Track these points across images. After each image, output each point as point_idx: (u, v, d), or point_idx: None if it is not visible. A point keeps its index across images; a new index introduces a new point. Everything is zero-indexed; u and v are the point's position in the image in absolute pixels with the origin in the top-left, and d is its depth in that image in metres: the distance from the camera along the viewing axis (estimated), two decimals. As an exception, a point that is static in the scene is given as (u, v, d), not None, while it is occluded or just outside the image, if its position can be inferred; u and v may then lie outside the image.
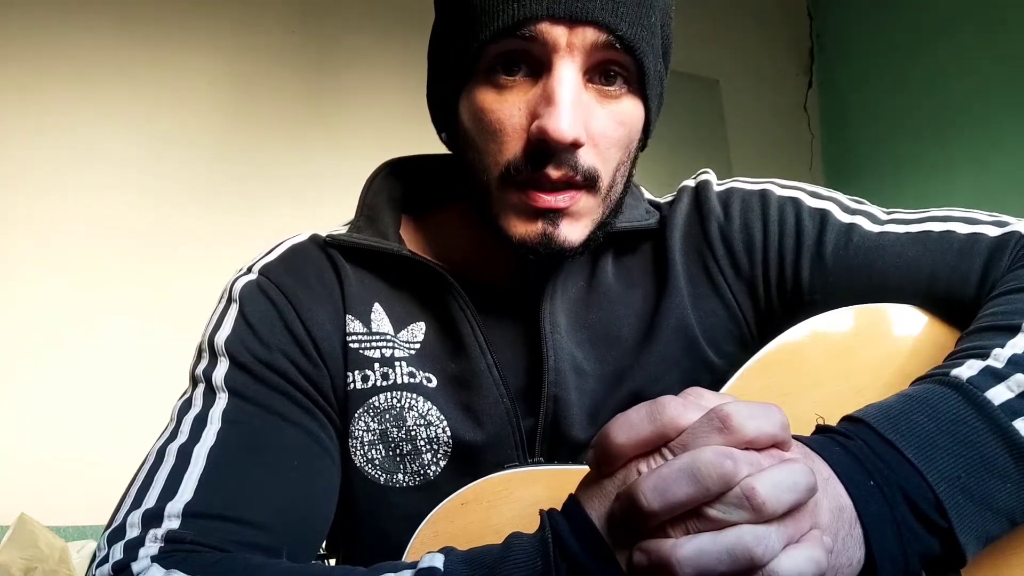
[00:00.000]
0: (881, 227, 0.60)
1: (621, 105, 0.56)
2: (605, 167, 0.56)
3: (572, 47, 0.52)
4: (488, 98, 0.55)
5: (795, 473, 0.36)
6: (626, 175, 0.60)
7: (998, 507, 0.41)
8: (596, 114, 0.54)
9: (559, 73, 0.52)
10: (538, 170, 0.53)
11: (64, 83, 2.10)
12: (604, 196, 0.57)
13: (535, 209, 0.54)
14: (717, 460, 0.35)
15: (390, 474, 0.58)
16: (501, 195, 0.56)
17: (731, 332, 0.63)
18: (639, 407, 0.39)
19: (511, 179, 0.55)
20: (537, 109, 0.53)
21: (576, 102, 0.52)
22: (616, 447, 0.38)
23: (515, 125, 0.54)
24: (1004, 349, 0.46)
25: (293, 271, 0.61)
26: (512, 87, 0.54)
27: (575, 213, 0.55)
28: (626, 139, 0.57)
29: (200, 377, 0.57)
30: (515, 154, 0.54)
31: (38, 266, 2.00)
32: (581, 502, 0.39)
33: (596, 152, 0.55)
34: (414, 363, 0.60)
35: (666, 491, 0.35)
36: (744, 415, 0.37)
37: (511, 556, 0.39)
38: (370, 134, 2.39)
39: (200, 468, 0.50)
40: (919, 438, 0.42)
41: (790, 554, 0.35)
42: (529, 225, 0.55)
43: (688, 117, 2.86)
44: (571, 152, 0.53)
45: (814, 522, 0.37)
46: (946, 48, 2.56)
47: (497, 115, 0.54)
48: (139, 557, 0.45)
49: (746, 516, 0.34)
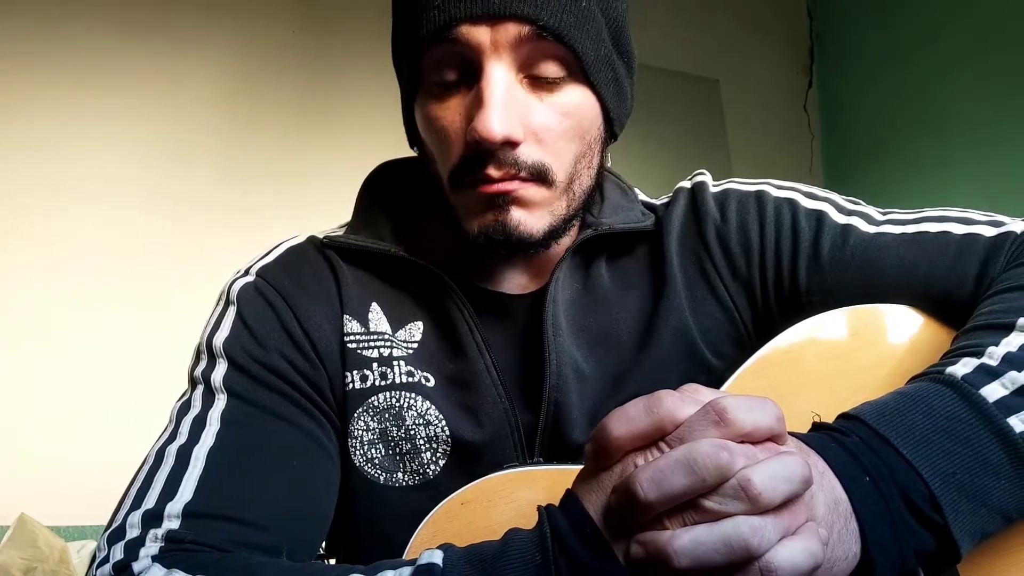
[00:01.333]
0: (877, 228, 0.60)
1: (563, 96, 0.55)
2: (556, 160, 0.56)
3: (497, 45, 0.52)
4: (432, 107, 0.56)
5: (790, 464, 0.36)
6: (593, 167, 0.60)
7: (992, 503, 0.42)
8: (534, 109, 0.54)
9: (488, 73, 0.52)
10: (477, 172, 0.54)
11: (64, 83, 2.10)
12: (564, 189, 0.57)
13: (484, 198, 0.55)
14: (713, 452, 0.35)
15: (390, 473, 0.58)
16: (455, 197, 0.57)
17: (729, 334, 0.63)
18: (636, 401, 0.39)
19: (460, 182, 0.55)
20: (472, 112, 0.53)
21: (507, 101, 0.52)
22: (613, 440, 0.38)
23: (456, 130, 0.55)
24: (998, 347, 0.46)
25: (290, 272, 0.62)
26: (452, 94, 0.55)
27: (526, 201, 0.55)
28: (576, 129, 0.56)
29: (199, 378, 0.57)
30: (457, 157, 0.55)
31: (38, 268, 2.00)
32: (578, 496, 0.40)
33: (541, 146, 0.55)
34: (412, 362, 0.60)
35: (662, 482, 0.35)
36: (740, 408, 0.37)
37: (510, 552, 0.39)
38: (370, 134, 2.39)
39: (200, 469, 0.51)
40: (914, 435, 0.42)
41: (786, 545, 0.35)
42: (482, 217, 0.56)
43: (688, 117, 2.86)
44: (509, 150, 0.53)
45: (810, 515, 0.37)
46: (946, 48, 2.56)
47: (441, 123, 0.55)
48: (140, 557, 0.45)
49: (742, 507, 0.35)
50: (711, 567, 0.34)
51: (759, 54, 3.11)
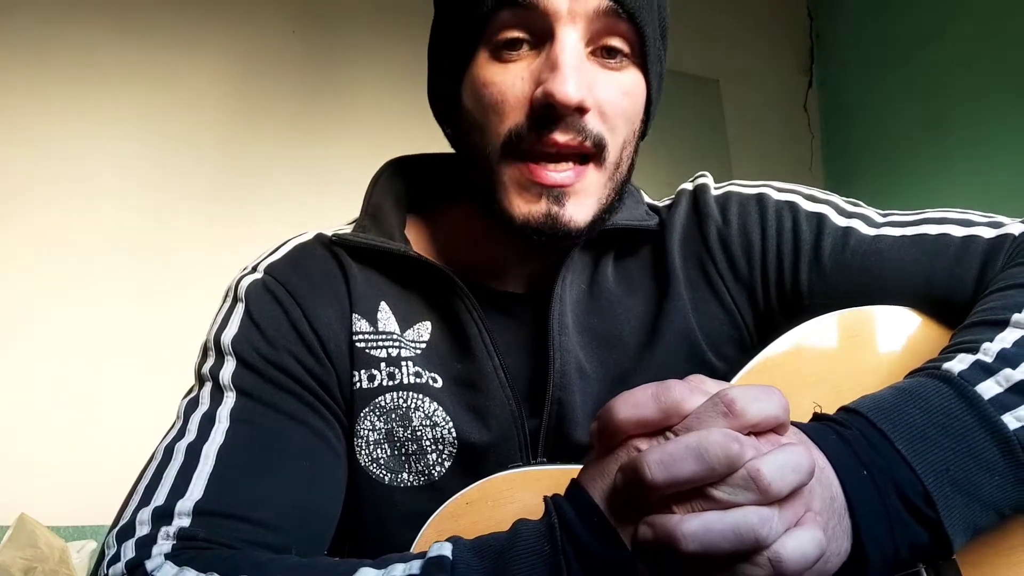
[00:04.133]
0: (877, 230, 0.60)
1: (625, 76, 0.56)
2: (612, 138, 0.56)
3: (574, 14, 0.52)
4: (490, 71, 0.55)
5: (796, 455, 0.37)
6: (631, 157, 0.60)
7: (985, 499, 0.42)
8: (601, 82, 0.55)
9: (562, 39, 0.52)
10: (543, 135, 0.53)
11: (63, 83, 2.10)
12: (611, 173, 0.57)
13: (539, 186, 0.54)
14: (725, 442, 0.36)
15: (395, 473, 0.58)
16: (502, 170, 0.55)
17: (731, 335, 0.64)
18: (645, 387, 0.39)
19: (513, 149, 0.54)
20: (541, 76, 0.53)
21: (580, 67, 0.52)
22: (617, 422, 0.39)
23: (517, 94, 0.54)
24: (993, 343, 0.47)
25: (299, 270, 0.61)
26: (516, 59, 0.54)
27: (581, 191, 0.55)
28: (632, 111, 0.57)
29: (207, 376, 0.57)
30: (517, 122, 0.54)
31: (38, 267, 2.00)
32: (582, 483, 0.40)
33: (603, 120, 0.55)
34: (420, 363, 0.60)
35: (671, 465, 0.36)
36: (748, 399, 0.38)
37: (518, 542, 0.39)
38: (372, 133, 2.39)
39: (210, 466, 0.51)
40: (910, 430, 0.42)
41: (793, 535, 0.36)
42: (532, 204, 0.55)
43: (688, 117, 2.86)
44: (578, 117, 0.53)
45: (808, 507, 0.38)
46: (946, 48, 2.56)
47: (499, 87, 0.54)
48: (152, 555, 0.45)
49: (752, 497, 0.35)
50: (718, 554, 0.35)
51: (759, 54, 3.11)
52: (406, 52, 2.41)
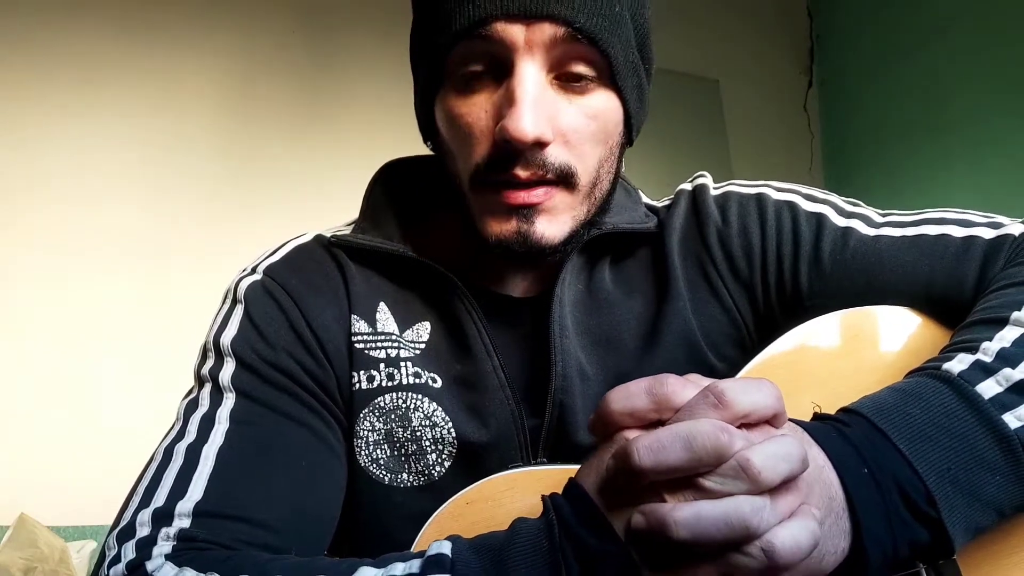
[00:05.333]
0: (877, 230, 0.60)
1: (591, 100, 0.55)
2: (582, 164, 0.55)
3: (531, 44, 0.52)
4: (456, 103, 0.55)
5: (786, 444, 0.37)
6: (612, 171, 0.59)
7: (986, 499, 0.42)
8: (564, 110, 0.54)
9: (520, 72, 0.52)
10: (505, 171, 0.53)
11: (63, 83, 2.10)
12: (587, 193, 0.57)
13: (508, 206, 0.54)
14: (712, 432, 0.36)
15: (395, 474, 0.58)
16: (476, 197, 0.56)
17: (731, 336, 0.64)
18: (639, 380, 0.40)
19: (482, 180, 0.55)
20: (501, 110, 0.53)
21: (538, 100, 0.52)
22: (610, 412, 0.39)
23: (482, 128, 0.54)
24: (992, 342, 0.47)
25: (298, 271, 0.61)
26: (478, 90, 0.54)
27: (551, 209, 0.55)
28: (601, 133, 0.56)
29: (207, 377, 0.57)
30: (483, 156, 0.54)
31: (37, 267, 2.00)
32: (578, 479, 0.41)
33: (568, 148, 0.54)
34: (419, 363, 0.60)
35: (659, 451, 0.36)
36: (738, 390, 0.38)
37: (517, 540, 0.39)
38: (371, 134, 2.39)
39: (209, 468, 0.51)
40: (911, 430, 0.42)
41: (786, 525, 0.36)
42: (503, 224, 0.55)
43: (688, 117, 2.86)
44: (538, 151, 0.53)
45: (804, 499, 0.38)
46: (946, 48, 2.56)
47: (465, 119, 0.54)
48: (153, 556, 0.45)
49: (742, 487, 0.36)
50: (709, 542, 0.35)
51: (759, 54, 3.11)
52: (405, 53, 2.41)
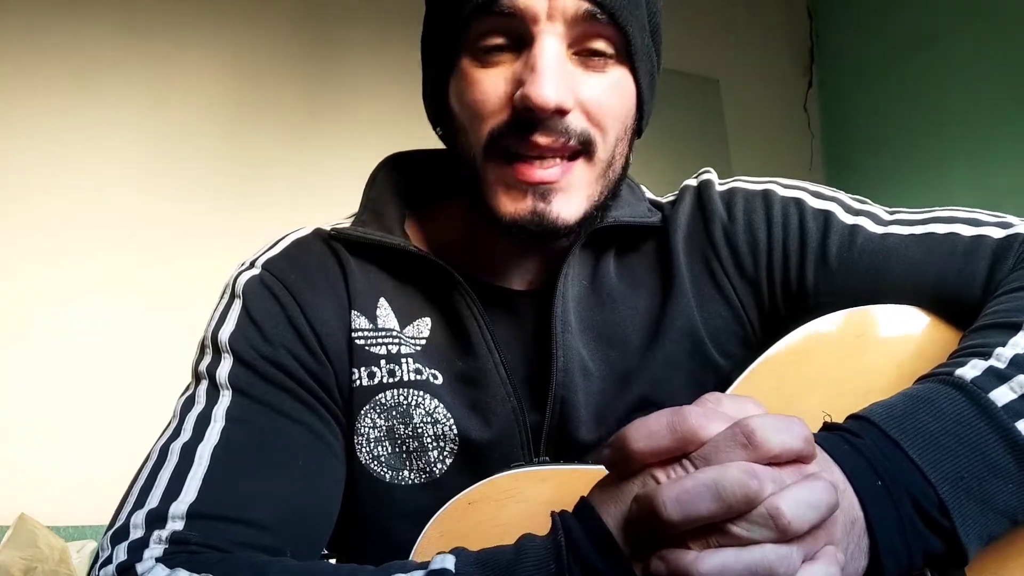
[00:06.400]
0: (885, 228, 0.60)
1: (609, 76, 0.55)
2: (602, 135, 0.55)
3: (552, 18, 0.52)
4: (473, 74, 0.55)
5: (817, 491, 0.36)
6: (624, 155, 0.59)
7: (999, 507, 0.42)
8: (584, 82, 0.54)
9: (541, 41, 0.52)
10: (525, 136, 0.53)
11: (66, 80, 2.10)
12: (603, 170, 0.57)
13: (524, 184, 0.54)
14: (743, 479, 0.35)
15: (396, 471, 0.58)
16: (487, 170, 0.55)
17: (736, 333, 0.63)
18: (660, 414, 0.38)
19: (496, 147, 0.54)
20: (521, 78, 0.53)
21: (559, 69, 0.52)
22: (634, 452, 0.38)
23: (500, 95, 0.54)
24: (1006, 348, 0.46)
25: (297, 266, 0.61)
26: (497, 63, 0.54)
27: (568, 187, 0.55)
28: (620, 108, 0.57)
29: (203, 374, 0.56)
30: (500, 123, 0.54)
31: (39, 265, 2.00)
32: (594, 505, 0.39)
33: (588, 119, 0.55)
34: (420, 360, 0.59)
35: (687, 504, 0.35)
36: (769, 430, 0.37)
37: (524, 559, 0.39)
38: (371, 128, 2.39)
39: (204, 468, 0.50)
40: (923, 438, 0.42)
41: (807, 571, 0.35)
42: (518, 202, 0.54)
43: (688, 117, 2.86)
44: (558, 118, 0.53)
45: (829, 538, 0.37)
46: (945, 48, 2.56)
47: (481, 87, 0.54)
48: (144, 558, 0.45)
49: (770, 535, 0.35)
50: None
51: (759, 54, 3.11)
52: (406, 48, 2.40)
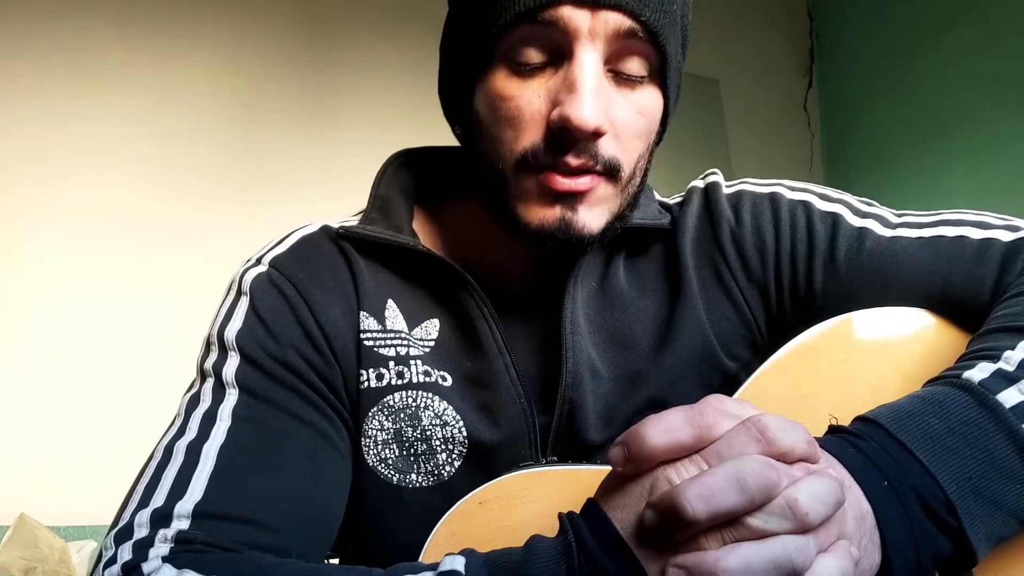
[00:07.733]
0: (893, 231, 0.60)
1: (641, 95, 0.55)
2: (626, 157, 0.55)
3: (594, 33, 0.51)
4: (507, 85, 0.53)
5: (827, 485, 0.36)
6: (644, 168, 0.59)
7: (1008, 508, 0.42)
8: (617, 103, 0.53)
9: (581, 59, 0.51)
10: (557, 157, 0.52)
11: (67, 79, 2.10)
12: (624, 187, 0.56)
13: (553, 192, 0.53)
14: (763, 470, 0.35)
15: (403, 474, 0.57)
16: (517, 182, 0.54)
17: (743, 336, 0.63)
18: (675, 411, 0.38)
19: (528, 165, 0.53)
20: (558, 96, 0.51)
21: (599, 90, 0.51)
22: (650, 449, 0.37)
23: (534, 112, 0.53)
24: (1015, 351, 0.46)
25: (305, 264, 0.60)
26: (532, 74, 0.53)
27: (593, 200, 0.54)
28: (646, 130, 0.56)
29: (209, 371, 0.55)
30: (533, 141, 0.53)
31: (39, 263, 1.99)
32: (602, 506, 0.39)
33: (618, 142, 0.54)
34: (429, 361, 0.59)
35: (712, 499, 0.34)
36: (779, 427, 0.37)
37: (533, 560, 0.38)
38: (374, 127, 2.39)
39: (210, 467, 0.49)
40: (930, 440, 0.42)
41: (822, 562, 0.35)
42: (547, 210, 0.54)
43: (688, 117, 2.86)
44: (591, 141, 0.52)
45: (840, 532, 0.37)
46: (946, 48, 2.56)
47: (516, 102, 0.53)
48: (149, 558, 0.44)
49: (788, 526, 0.34)
50: None
51: (759, 54, 3.11)
52: (408, 46, 2.42)
